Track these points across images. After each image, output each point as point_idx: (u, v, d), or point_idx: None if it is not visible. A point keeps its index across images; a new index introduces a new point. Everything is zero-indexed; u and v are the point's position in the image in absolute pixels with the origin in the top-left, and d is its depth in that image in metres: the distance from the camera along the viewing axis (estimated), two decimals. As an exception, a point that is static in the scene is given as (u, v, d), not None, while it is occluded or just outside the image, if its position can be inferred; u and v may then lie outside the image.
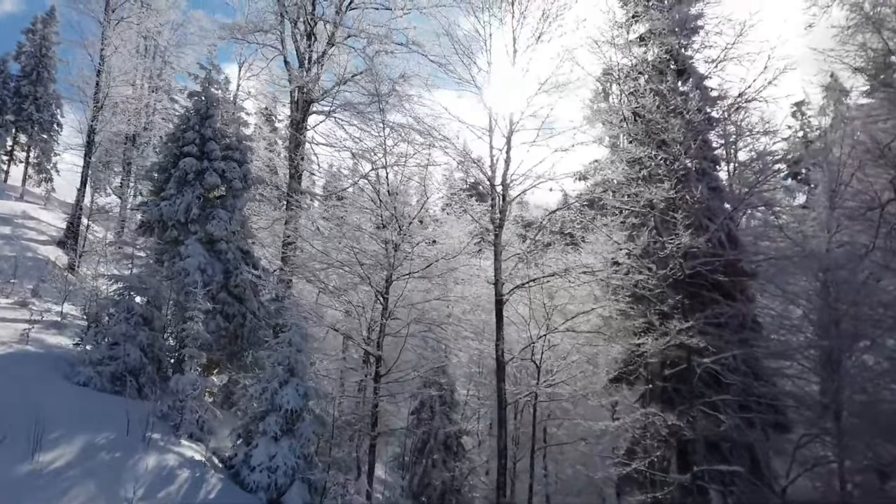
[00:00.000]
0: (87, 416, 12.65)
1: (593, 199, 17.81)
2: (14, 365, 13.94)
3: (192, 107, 21.41)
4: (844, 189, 18.99)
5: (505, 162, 18.05)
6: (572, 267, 17.29)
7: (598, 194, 18.77)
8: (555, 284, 18.25)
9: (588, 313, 18.13)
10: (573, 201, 17.76)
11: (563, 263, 17.65)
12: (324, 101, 24.40)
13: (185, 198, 20.06)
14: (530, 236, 18.15)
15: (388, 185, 18.78)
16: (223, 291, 19.78)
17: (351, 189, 23.25)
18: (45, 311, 20.71)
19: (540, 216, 18.44)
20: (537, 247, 17.94)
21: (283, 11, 25.27)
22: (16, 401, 11.94)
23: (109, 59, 31.20)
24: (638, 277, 16.59)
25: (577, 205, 17.71)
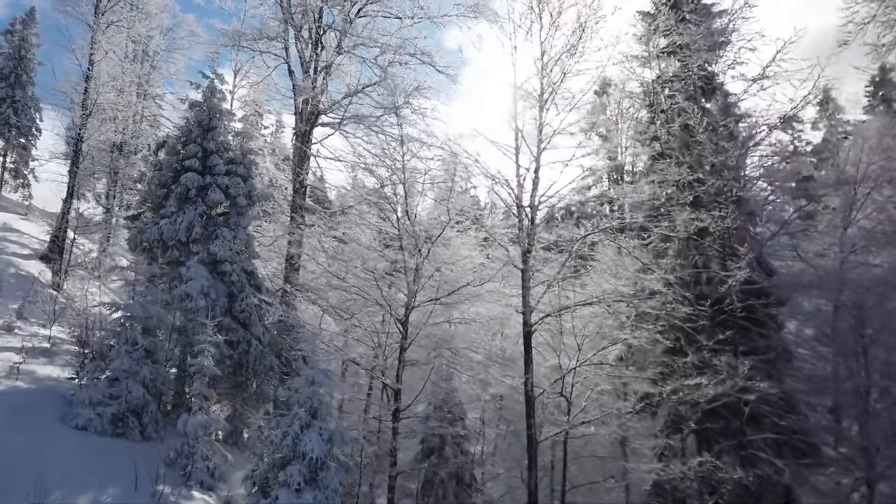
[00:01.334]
0: (90, 468, 11.37)
1: (625, 223, 16.75)
2: (6, 407, 12.57)
3: (194, 118, 20.10)
4: (859, 208, 18.33)
5: (533, 182, 17.01)
6: (606, 295, 16.20)
7: (627, 217, 17.73)
8: (585, 313, 17.20)
9: (617, 343, 17.10)
10: (605, 225, 16.69)
11: (596, 291, 16.59)
12: (332, 112, 23.14)
13: (187, 216, 18.75)
14: (560, 261, 17.05)
15: (406, 203, 17.58)
16: (227, 316, 18.46)
17: (365, 206, 22.00)
18: (33, 336, 19.26)
19: (566, 237, 17.27)
20: (566, 272, 16.87)
21: (287, 18, 24.04)
22: (13, 453, 10.64)
23: (99, 65, 29.71)
24: (684, 310, 15.56)
25: (610, 229, 16.67)
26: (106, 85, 30.47)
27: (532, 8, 17.83)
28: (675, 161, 17.63)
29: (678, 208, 16.67)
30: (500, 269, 16.99)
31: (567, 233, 16.78)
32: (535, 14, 17.77)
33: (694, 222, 15.74)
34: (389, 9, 23.65)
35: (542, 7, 17.62)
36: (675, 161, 17.56)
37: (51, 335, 19.90)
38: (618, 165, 31.35)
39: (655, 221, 16.22)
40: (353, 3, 23.22)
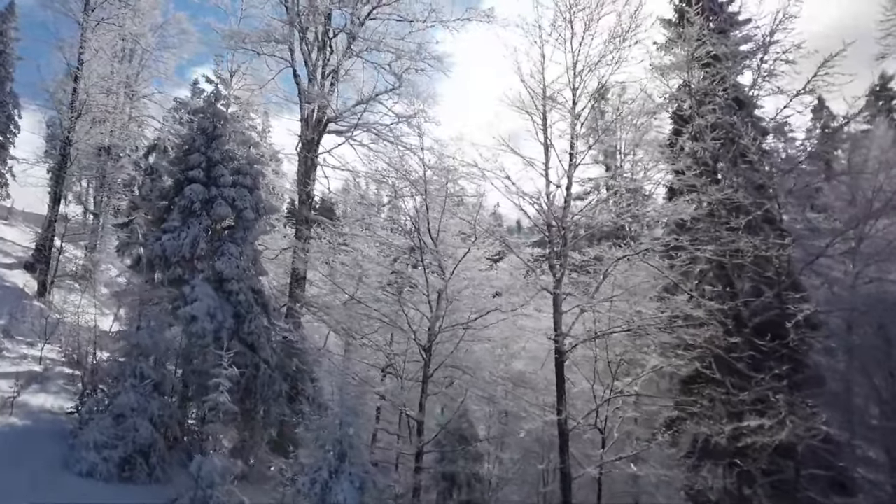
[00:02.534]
0: (99, 525, 10.14)
1: (668, 245, 15.72)
2: (2, 450, 11.30)
3: (198, 125, 18.86)
4: (874, 223, 17.60)
5: (564, 200, 15.99)
6: (644, 321, 15.21)
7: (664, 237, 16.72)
8: (619, 339, 16.22)
9: (654, 370, 16.14)
10: (645, 247, 15.68)
11: (632, 315, 15.59)
12: (342, 120, 21.96)
13: (192, 231, 17.52)
14: (594, 283, 16.06)
15: (428, 219, 16.48)
16: (234, 339, 17.20)
17: (377, 221, 20.92)
18: (22, 359, 17.95)
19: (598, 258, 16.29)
20: (600, 296, 15.87)
21: (293, 20, 22.83)
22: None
23: (88, 64, 28.21)
24: (731, 340, 14.64)
25: (651, 251, 15.69)
26: (95, 85, 28.99)
27: (561, 13, 16.85)
28: (711, 179, 16.75)
29: (723, 230, 15.71)
30: (534, 295, 15.89)
31: (603, 254, 15.75)
32: (566, 21, 16.78)
33: (737, 244, 14.80)
34: (401, 11, 22.55)
35: (574, 14, 16.63)
36: (711, 179, 16.68)
37: (42, 356, 18.58)
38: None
39: (699, 244, 15.22)
40: (365, 3, 22.10)
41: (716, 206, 16.05)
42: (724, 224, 16.03)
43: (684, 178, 16.33)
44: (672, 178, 18.17)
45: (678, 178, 16.78)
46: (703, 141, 17.59)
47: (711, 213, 16.21)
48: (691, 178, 16.21)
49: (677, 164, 16.63)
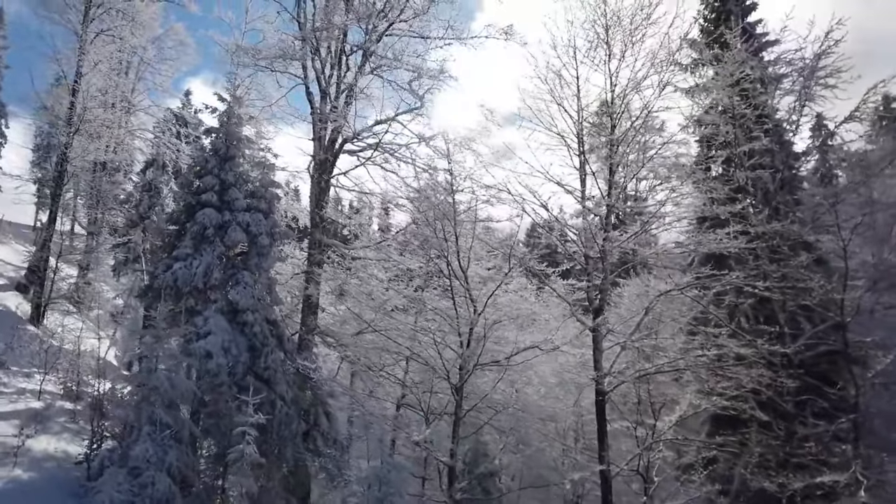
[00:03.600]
0: None
1: (721, 280, 14.84)
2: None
3: (210, 146, 17.86)
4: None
5: (604, 230, 15.14)
6: (696, 362, 14.33)
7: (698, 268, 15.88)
8: (663, 378, 15.37)
9: (700, 410, 15.31)
10: (690, 282, 14.81)
11: (675, 352, 14.74)
12: (359, 140, 21.00)
13: (205, 258, 16.48)
14: (634, 319, 15.20)
15: (458, 248, 15.57)
16: (249, 374, 16.17)
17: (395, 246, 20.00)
18: (20, 395, 16.79)
19: (642, 293, 15.48)
20: (642, 332, 15.00)
21: (305, 35, 21.91)
22: None
23: (87, 77, 27.12)
24: (790, 383, 13.85)
25: (697, 285, 14.84)
26: (94, 99, 27.91)
27: (598, 33, 16.08)
28: (755, 209, 16.02)
29: (779, 266, 14.94)
30: (579, 333, 14.98)
31: (647, 288, 14.92)
32: (602, 41, 16.01)
33: (804, 283, 14.04)
34: (418, 29, 21.68)
35: (612, 34, 15.87)
36: (755, 209, 15.94)
37: (41, 390, 17.43)
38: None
39: (751, 280, 14.39)
40: (382, 19, 21.21)
41: (766, 239, 15.28)
42: (777, 258, 15.31)
43: (718, 206, 15.55)
44: (699, 203, 17.42)
45: (712, 206, 15.96)
46: (742, 168, 16.89)
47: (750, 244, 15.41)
48: (724, 207, 15.43)
49: (712, 191, 15.79)
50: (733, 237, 14.34)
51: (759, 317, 17.41)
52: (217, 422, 14.87)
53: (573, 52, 16.06)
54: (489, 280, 15.66)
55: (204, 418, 14.75)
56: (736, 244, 14.57)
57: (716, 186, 15.85)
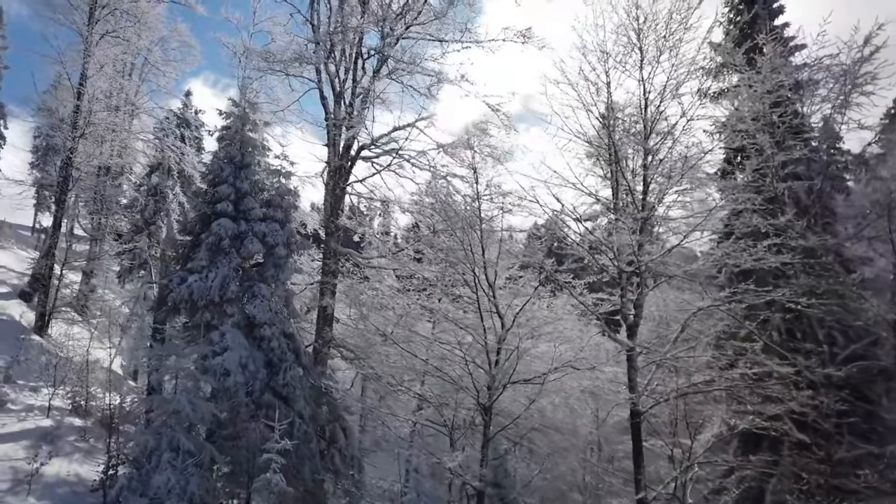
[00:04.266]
0: None
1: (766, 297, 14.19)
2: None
3: (224, 154, 17.24)
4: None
5: (638, 242, 14.51)
6: (735, 380, 13.71)
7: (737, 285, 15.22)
8: (697, 396, 14.77)
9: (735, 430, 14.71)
10: (728, 297, 14.19)
11: (717, 372, 14.11)
12: (375, 147, 20.36)
13: (221, 271, 15.87)
14: (669, 335, 14.60)
15: (484, 260, 14.97)
16: (267, 392, 15.57)
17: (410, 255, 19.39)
18: (28, 412, 16.17)
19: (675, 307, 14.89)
20: (677, 349, 14.40)
21: (319, 38, 21.30)
22: None
23: (92, 80, 26.46)
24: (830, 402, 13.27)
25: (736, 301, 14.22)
26: (98, 102, 27.27)
27: (629, 37, 15.48)
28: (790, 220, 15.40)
29: (808, 278, 14.36)
30: (617, 354, 14.36)
31: (684, 303, 14.32)
32: (633, 44, 15.40)
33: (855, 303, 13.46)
34: (434, 32, 21.05)
35: (644, 37, 15.27)
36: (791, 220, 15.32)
37: (50, 406, 16.80)
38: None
39: (795, 296, 13.75)
40: (398, 21, 20.60)
41: (805, 252, 14.68)
42: (815, 273, 14.72)
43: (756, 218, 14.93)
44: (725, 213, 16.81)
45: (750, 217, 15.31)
46: (778, 178, 16.31)
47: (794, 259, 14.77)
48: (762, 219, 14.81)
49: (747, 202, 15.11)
50: (776, 251, 13.73)
51: (791, 331, 16.86)
52: (235, 443, 14.24)
53: (605, 57, 15.44)
54: (518, 294, 14.99)
55: (221, 440, 14.10)
56: (779, 259, 13.93)
57: (749, 196, 15.22)
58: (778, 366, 14.04)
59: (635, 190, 14.65)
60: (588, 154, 16.21)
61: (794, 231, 14.78)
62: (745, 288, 13.61)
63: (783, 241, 14.46)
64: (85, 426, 16.66)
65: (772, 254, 13.78)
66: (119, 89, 29.48)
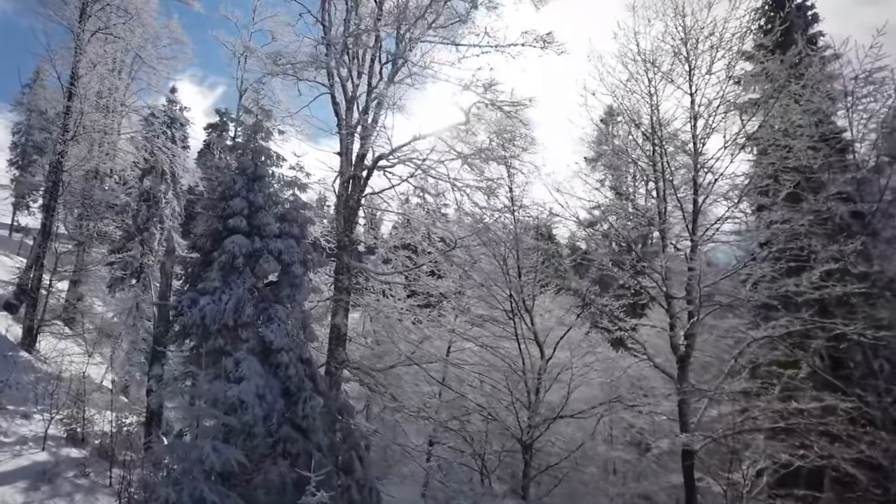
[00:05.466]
0: None
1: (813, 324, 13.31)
2: None
3: (237, 165, 16.02)
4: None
5: (689, 266, 13.55)
6: (795, 414, 12.78)
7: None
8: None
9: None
10: (785, 326, 13.26)
11: (774, 409, 13.17)
12: (393, 157, 19.16)
13: (235, 292, 14.65)
14: (721, 367, 13.65)
15: (521, 285, 13.94)
16: (285, 425, 14.35)
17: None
18: (22, 444, 14.86)
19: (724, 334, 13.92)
20: (730, 381, 13.46)
21: (330, 41, 20.09)
22: None
23: (84, 80, 25.02)
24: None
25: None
26: (90, 102, 25.83)
27: (675, 45, 14.55)
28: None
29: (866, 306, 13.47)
30: (670, 394, 13.32)
31: (736, 331, 13.36)
32: (679, 55, 14.47)
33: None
34: (456, 34, 19.92)
35: (692, 47, 14.34)
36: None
37: (46, 435, 15.49)
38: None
39: (861, 328, 12.85)
40: (417, 23, 19.43)
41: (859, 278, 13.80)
42: (876, 302, 13.86)
43: (809, 241, 13.99)
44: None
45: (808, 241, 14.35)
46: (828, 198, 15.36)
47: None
48: (819, 245, 13.89)
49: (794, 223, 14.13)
50: (838, 278, 12.84)
51: (836, 359, 16.05)
52: (254, 485, 13.06)
53: (652, 68, 14.51)
54: (559, 321, 13.98)
55: (240, 483, 12.90)
56: (848, 289, 12.99)
57: (792, 217, 14.25)
58: (839, 400, 13.17)
59: (686, 210, 13.65)
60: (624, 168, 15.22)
61: (852, 257, 13.89)
62: (812, 319, 12.69)
63: (844, 268, 13.60)
64: (83, 458, 15.37)
65: (835, 281, 12.87)
66: (111, 89, 27.98)
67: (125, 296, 28.61)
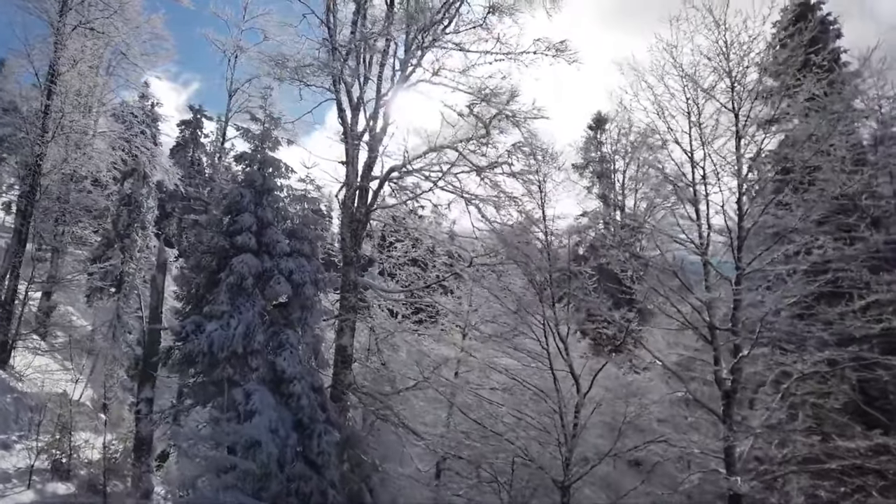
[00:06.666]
0: None
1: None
2: None
3: (245, 178, 14.87)
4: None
5: (735, 296, 12.77)
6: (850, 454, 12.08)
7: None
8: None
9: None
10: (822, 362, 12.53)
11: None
12: (405, 169, 18.09)
13: (244, 317, 13.52)
14: (769, 402, 12.89)
15: (555, 312, 13.05)
16: (299, 461, 13.28)
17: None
18: (6, 482, 13.54)
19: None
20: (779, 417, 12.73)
21: (335, 44, 18.97)
22: None
23: (65, 77, 23.46)
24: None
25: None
26: (71, 101, 24.26)
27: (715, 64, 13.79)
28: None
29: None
30: (720, 439, 12.44)
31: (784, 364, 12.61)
32: (724, 70, 13.70)
33: None
34: (470, 41, 18.95)
35: (738, 62, 13.62)
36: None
37: (33, 469, 14.16)
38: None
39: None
40: (431, 28, 18.43)
41: None
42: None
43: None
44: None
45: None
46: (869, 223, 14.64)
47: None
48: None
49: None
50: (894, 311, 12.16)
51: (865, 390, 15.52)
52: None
53: (691, 83, 13.72)
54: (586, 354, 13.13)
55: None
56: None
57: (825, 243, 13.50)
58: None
59: (733, 237, 12.86)
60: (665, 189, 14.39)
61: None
62: (861, 352, 12.01)
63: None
64: (72, 494, 14.10)
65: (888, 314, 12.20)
66: (91, 87, 26.38)
67: (104, 305, 27.15)
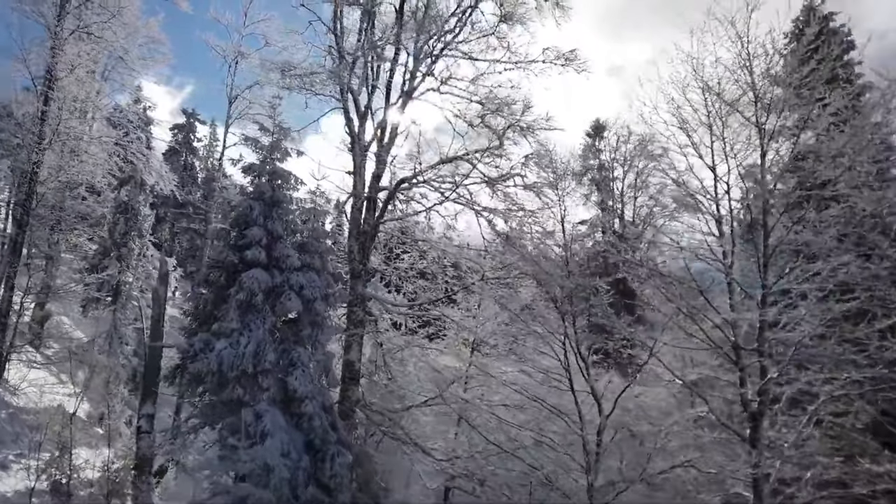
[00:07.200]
0: None
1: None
2: None
3: (254, 190, 14.43)
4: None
5: (760, 317, 12.42)
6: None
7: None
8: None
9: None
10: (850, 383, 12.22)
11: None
12: (415, 181, 17.68)
13: (255, 334, 13.08)
14: (794, 424, 12.56)
15: (575, 326, 12.68)
16: (311, 484, 12.82)
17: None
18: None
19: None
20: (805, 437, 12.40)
21: (343, 51, 18.59)
22: None
23: (63, 82, 22.92)
24: None
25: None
26: (69, 107, 23.73)
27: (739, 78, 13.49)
28: None
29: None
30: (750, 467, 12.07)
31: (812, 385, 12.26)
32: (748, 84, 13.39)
33: None
34: (479, 50, 18.60)
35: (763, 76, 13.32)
36: None
37: (33, 490, 13.65)
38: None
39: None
40: (442, 36, 18.07)
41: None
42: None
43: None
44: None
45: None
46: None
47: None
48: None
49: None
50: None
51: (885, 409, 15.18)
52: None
53: (712, 96, 13.41)
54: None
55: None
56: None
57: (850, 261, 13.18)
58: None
59: (759, 255, 12.53)
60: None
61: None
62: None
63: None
64: (72, 517, 13.60)
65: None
66: (88, 93, 25.82)
67: (100, 315, 26.55)
